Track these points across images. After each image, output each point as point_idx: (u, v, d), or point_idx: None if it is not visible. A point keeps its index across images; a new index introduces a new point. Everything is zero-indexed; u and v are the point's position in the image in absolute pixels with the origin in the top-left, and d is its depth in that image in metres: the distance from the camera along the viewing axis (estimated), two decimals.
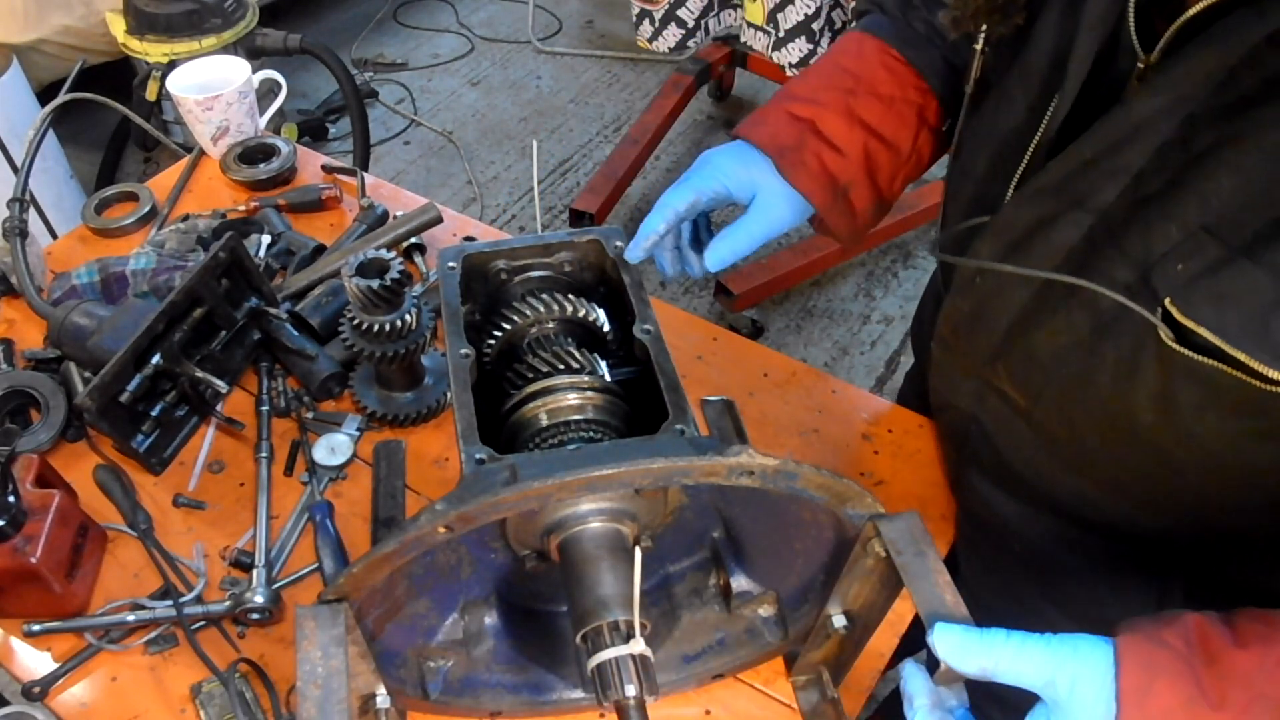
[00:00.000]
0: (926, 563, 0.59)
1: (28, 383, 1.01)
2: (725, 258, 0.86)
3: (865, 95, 0.87)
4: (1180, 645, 0.53)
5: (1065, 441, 0.78)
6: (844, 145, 0.86)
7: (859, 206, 0.89)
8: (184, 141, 2.25)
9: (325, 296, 1.12)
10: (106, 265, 1.14)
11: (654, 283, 2.71)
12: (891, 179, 0.89)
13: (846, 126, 0.86)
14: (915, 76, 0.88)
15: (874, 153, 0.87)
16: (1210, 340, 0.59)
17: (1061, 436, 0.77)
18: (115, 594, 0.89)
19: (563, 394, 0.75)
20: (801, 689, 0.83)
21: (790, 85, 0.91)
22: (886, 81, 0.87)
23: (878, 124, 0.86)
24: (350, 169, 1.37)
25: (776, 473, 0.57)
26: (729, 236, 0.86)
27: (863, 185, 0.87)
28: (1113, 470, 0.76)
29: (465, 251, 0.85)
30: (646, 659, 0.61)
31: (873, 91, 0.87)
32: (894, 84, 0.87)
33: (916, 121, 0.88)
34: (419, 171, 3.12)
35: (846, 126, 0.86)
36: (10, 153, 2.22)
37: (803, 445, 1.04)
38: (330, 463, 1.00)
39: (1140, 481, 0.75)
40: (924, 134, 0.89)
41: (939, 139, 0.91)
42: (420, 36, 3.74)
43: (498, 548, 0.73)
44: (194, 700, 0.82)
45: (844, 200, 0.87)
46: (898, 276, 2.77)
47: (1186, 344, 0.61)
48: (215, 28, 2.39)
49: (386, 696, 0.68)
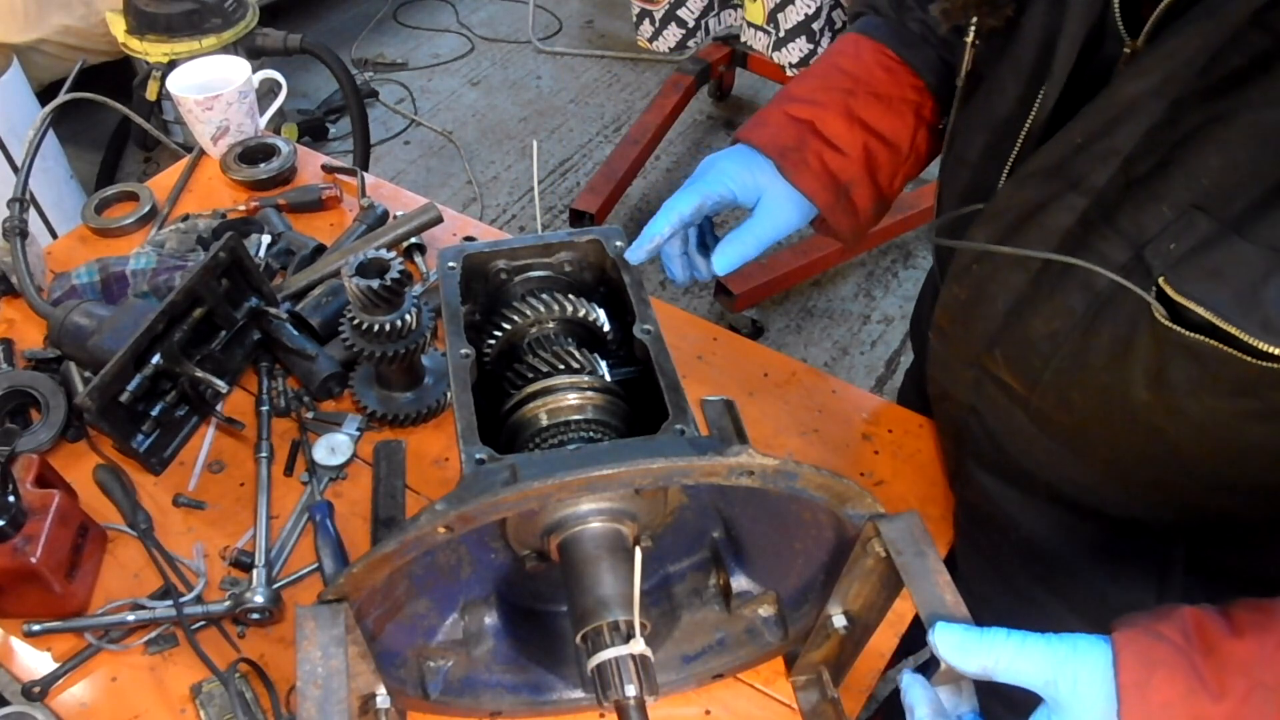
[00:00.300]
0: (926, 563, 0.59)
1: (28, 383, 1.01)
2: (733, 261, 0.87)
3: (864, 95, 0.88)
4: (1177, 637, 0.53)
5: (1063, 426, 0.78)
6: (844, 145, 0.86)
7: (861, 205, 0.89)
8: (184, 141, 2.25)
9: (325, 296, 1.12)
10: (106, 265, 1.14)
11: (654, 283, 2.71)
12: (892, 177, 0.90)
13: (846, 126, 0.87)
14: (912, 75, 0.89)
15: (874, 151, 0.88)
16: (1202, 315, 0.60)
17: (1059, 421, 0.78)
18: (115, 594, 0.89)
19: (563, 394, 0.75)
20: (801, 689, 0.83)
21: (789, 88, 0.92)
22: (884, 81, 0.88)
23: (877, 123, 0.87)
24: (350, 169, 1.37)
25: (776, 473, 0.57)
26: (736, 240, 0.87)
27: (864, 184, 0.88)
28: (1110, 454, 0.77)
29: (465, 251, 0.85)
30: (646, 659, 0.61)
31: (871, 91, 0.88)
32: (891, 83, 0.88)
33: (914, 119, 0.89)
34: (419, 171, 3.12)
35: (846, 126, 0.87)
36: (10, 153, 2.22)
37: (803, 445, 1.04)
38: (330, 463, 1.00)
39: (1138, 464, 0.76)
40: (922, 131, 0.90)
41: (936, 136, 0.92)
42: (420, 36, 3.74)
43: (498, 548, 0.73)
44: (194, 700, 0.82)
45: (846, 200, 0.88)
46: (898, 276, 2.77)
47: (1180, 321, 0.62)
48: (215, 28, 2.39)
49: (386, 696, 0.68)
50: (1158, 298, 0.62)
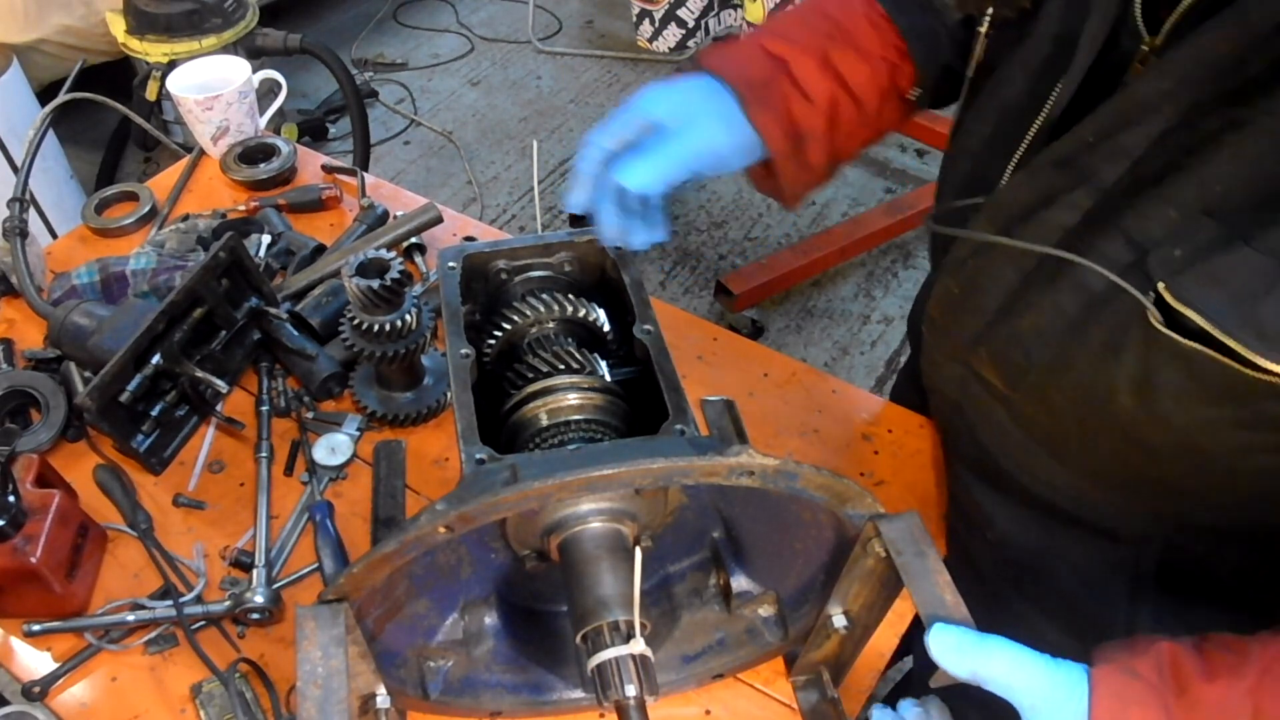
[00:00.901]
0: (926, 563, 0.59)
1: (28, 383, 1.01)
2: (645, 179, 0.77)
3: (843, 45, 0.83)
4: (1152, 676, 0.55)
5: (1043, 427, 0.77)
6: (813, 92, 0.82)
7: (814, 160, 0.85)
8: (184, 141, 2.25)
9: (325, 296, 1.12)
10: (106, 265, 1.14)
11: (654, 283, 2.71)
12: (850, 138, 0.86)
13: (819, 73, 0.82)
14: (897, 37, 0.85)
15: (840, 106, 0.83)
16: (1198, 323, 0.59)
17: (1039, 421, 0.77)
18: (115, 594, 0.89)
19: (563, 394, 0.75)
20: (801, 689, 0.83)
21: (769, 21, 0.88)
22: (868, 36, 0.84)
23: (850, 76, 0.83)
24: (350, 169, 1.37)
25: (776, 473, 0.57)
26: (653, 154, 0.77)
27: (822, 138, 0.84)
28: (1088, 457, 0.76)
29: (465, 251, 0.85)
30: (646, 659, 0.61)
31: (852, 43, 0.84)
32: (875, 40, 0.84)
33: (888, 84, 0.85)
34: (419, 171, 3.12)
35: (819, 73, 0.82)
36: (10, 153, 2.22)
37: (803, 445, 1.04)
38: (330, 463, 1.00)
39: (1117, 469, 0.75)
40: (892, 99, 0.86)
41: (905, 109, 0.89)
42: (420, 36, 3.74)
43: (498, 548, 0.73)
44: (194, 700, 0.82)
45: (800, 151, 0.84)
46: (898, 276, 2.77)
47: (1174, 327, 0.61)
48: (215, 28, 2.39)
49: (386, 696, 0.68)
50: (1155, 303, 0.61)
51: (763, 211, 2.98)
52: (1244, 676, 0.54)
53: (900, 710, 0.67)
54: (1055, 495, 0.82)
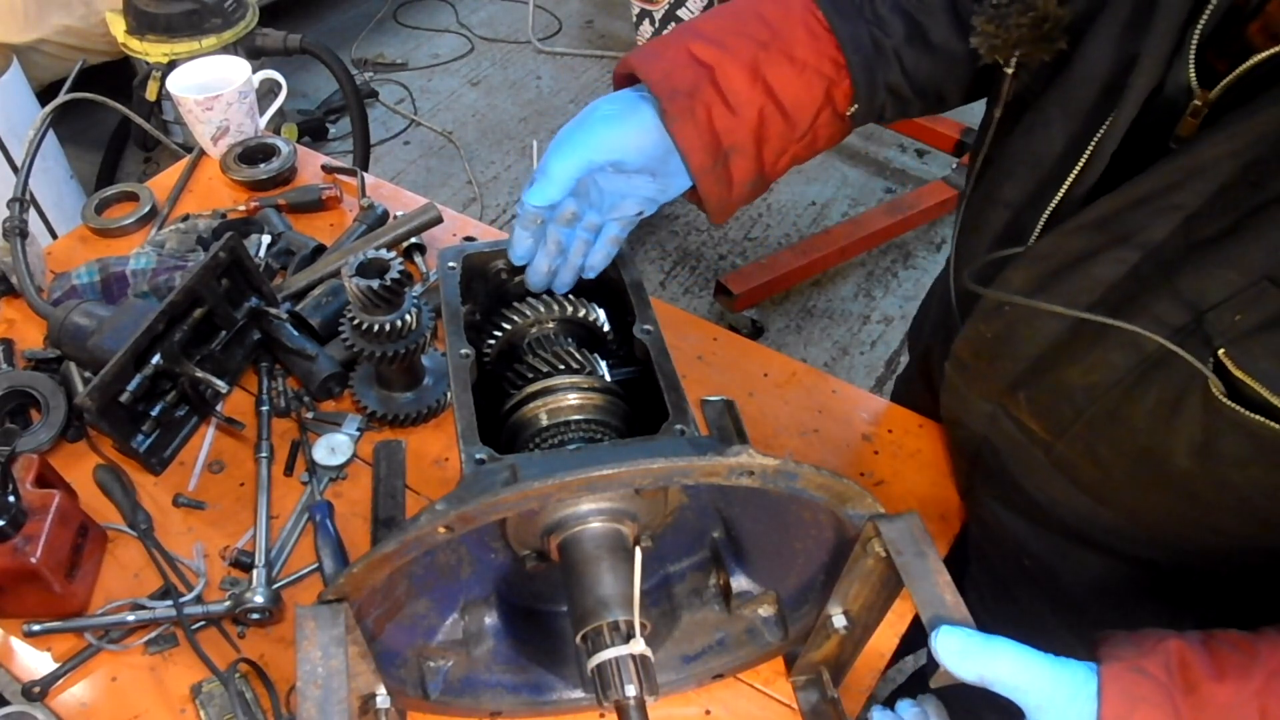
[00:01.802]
0: (926, 563, 0.59)
1: (28, 383, 1.01)
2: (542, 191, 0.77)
3: (777, 53, 0.77)
4: (1161, 674, 0.54)
5: (1088, 475, 0.75)
6: (739, 103, 0.76)
7: (737, 177, 0.79)
8: (184, 141, 2.25)
9: (325, 296, 1.12)
10: (106, 265, 1.14)
11: (654, 283, 2.71)
12: (779, 154, 0.80)
13: (748, 82, 0.76)
14: (835, 48, 0.78)
15: (768, 119, 0.77)
16: (1264, 397, 0.57)
17: (1084, 469, 0.75)
18: (115, 594, 0.89)
19: (563, 394, 0.75)
20: (801, 689, 0.83)
21: (698, 20, 0.80)
22: (803, 44, 0.77)
23: (782, 88, 0.77)
24: (350, 169, 1.37)
25: (776, 473, 0.57)
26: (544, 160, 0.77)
27: (747, 154, 0.78)
28: (1137, 504, 0.74)
29: (465, 251, 0.85)
30: (646, 659, 0.61)
31: (786, 52, 0.77)
32: (811, 50, 0.77)
33: (823, 98, 0.79)
34: (419, 171, 3.12)
35: (748, 82, 0.76)
36: (10, 153, 2.22)
37: (803, 445, 1.04)
38: (330, 463, 1.00)
39: (1166, 518, 0.73)
40: (826, 114, 0.80)
41: (840, 125, 0.82)
42: (420, 36, 3.74)
43: (498, 548, 0.73)
44: (194, 700, 0.82)
45: (723, 167, 0.78)
46: (898, 276, 2.77)
47: (1237, 397, 0.59)
48: (215, 28, 2.39)
49: (386, 696, 0.68)
50: (1215, 370, 0.59)
51: (763, 211, 2.98)
52: (1252, 678, 0.53)
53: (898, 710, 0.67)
54: (1096, 533, 0.80)
